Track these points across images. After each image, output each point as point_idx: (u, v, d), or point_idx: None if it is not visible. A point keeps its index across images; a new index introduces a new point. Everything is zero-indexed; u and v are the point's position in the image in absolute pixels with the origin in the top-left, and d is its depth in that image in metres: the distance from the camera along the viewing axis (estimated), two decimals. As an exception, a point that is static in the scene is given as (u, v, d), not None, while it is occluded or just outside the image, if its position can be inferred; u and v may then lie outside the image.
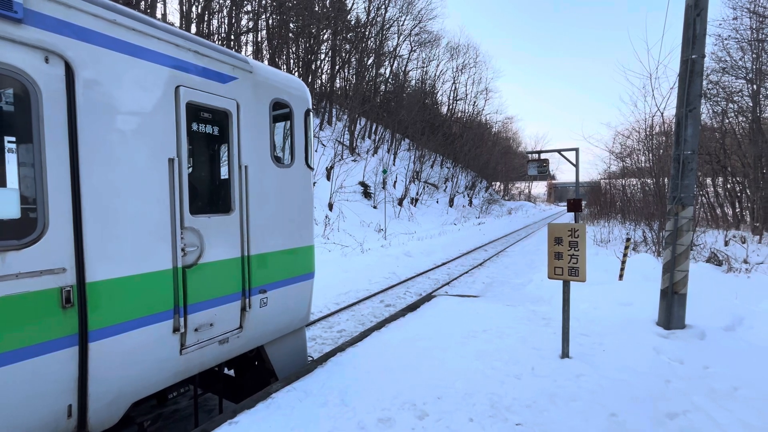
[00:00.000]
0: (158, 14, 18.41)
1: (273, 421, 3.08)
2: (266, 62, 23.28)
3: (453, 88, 44.28)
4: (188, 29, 18.97)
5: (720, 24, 18.70)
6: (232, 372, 4.32)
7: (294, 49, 26.04)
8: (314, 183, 4.35)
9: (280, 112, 3.92)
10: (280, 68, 22.93)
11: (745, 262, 9.74)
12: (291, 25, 24.51)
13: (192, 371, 3.11)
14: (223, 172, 3.53)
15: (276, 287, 3.84)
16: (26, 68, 2.20)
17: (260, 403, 3.34)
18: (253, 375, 4.09)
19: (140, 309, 2.72)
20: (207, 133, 3.38)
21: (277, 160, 3.84)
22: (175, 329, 2.93)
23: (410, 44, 35.82)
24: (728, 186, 19.57)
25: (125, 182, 2.64)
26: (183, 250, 2.97)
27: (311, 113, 4.27)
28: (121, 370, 2.64)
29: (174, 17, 28.51)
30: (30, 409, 2.26)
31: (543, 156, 18.32)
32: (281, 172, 3.86)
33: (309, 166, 4.21)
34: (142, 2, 16.69)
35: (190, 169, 3.47)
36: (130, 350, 2.67)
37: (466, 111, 46.83)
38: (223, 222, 3.30)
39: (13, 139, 2.44)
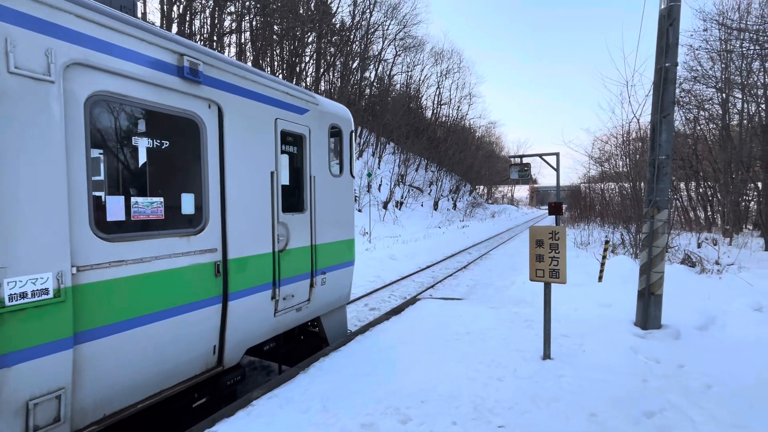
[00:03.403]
0: (138, 13, 17.97)
1: (253, 429, 3.00)
2: (249, 63, 23.01)
3: (437, 93, 44.75)
4: (169, 29, 18.61)
5: (691, 35, 19.47)
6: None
7: (278, 51, 25.85)
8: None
9: (333, 131, 5.00)
10: (264, 70, 22.69)
11: (717, 263, 10.10)
12: (275, 27, 24.33)
13: (279, 330, 4.16)
14: (298, 181, 4.51)
15: (331, 270, 4.90)
16: (200, 113, 3.24)
17: (240, 411, 3.26)
18: (302, 345, 5.02)
19: (255, 280, 3.72)
20: (289, 152, 4.40)
21: (331, 171, 4.91)
22: (272, 297, 3.95)
23: (395, 49, 36.05)
24: (700, 190, 20.34)
25: (248, 189, 3.63)
26: (278, 238, 4.00)
27: (353, 133, 5.33)
28: (243, 323, 3.61)
29: (154, 17, 27.91)
30: (195, 345, 3.21)
31: (525, 160, 18.60)
32: (334, 180, 4.95)
33: (352, 176, 5.33)
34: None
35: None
36: (248, 309, 3.65)
37: (451, 115, 47.36)
38: (299, 219, 4.36)
39: (190, 160, 3.25)
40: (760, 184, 17.15)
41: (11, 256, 2.15)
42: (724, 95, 17.84)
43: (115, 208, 2.68)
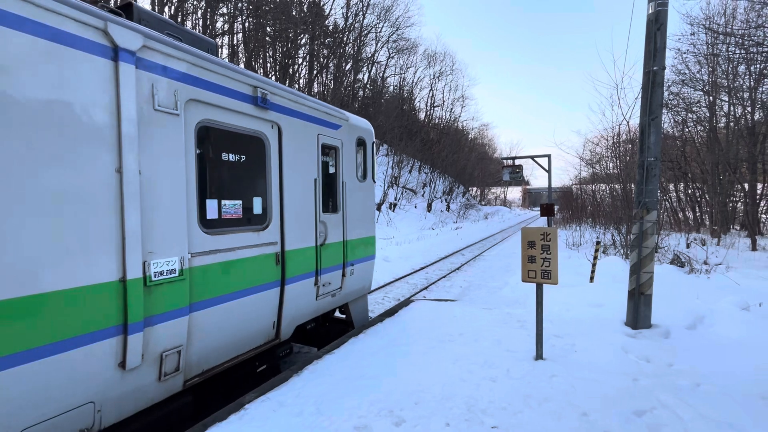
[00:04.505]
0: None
1: (246, 433, 2.98)
2: (242, 65, 22.89)
3: (430, 95, 44.93)
4: (160, 30, 18.39)
5: (679, 39, 19.84)
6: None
7: (271, 52, 25.76)
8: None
9: (359, 142, 5.74)
10: (256, 71, 22.61)
11: (705, 263, 10.26)
12: (268, 28, 24.25)
13: (319, 312, 4.92)
14: (333, 186, 5.21)
15: (358, 263, 5.63)
16: (265, 132, 4.00)
17: (232, 415, 3.23)
18: (331, 329, 5.83)
19: (303, 268, 4.45)
20: (326, 162, 5.09)
21: (358, 177, 5.69)
22: (315, 283, 4.69)
23: (388, 51, 36.16)
24: (689, 191, 20.65)
25: (298, 193, 4.39)
26: (319, 234, 4.74)
27: (374, 144, 6.10)
28: (294, 304, 4.36)
29: (145, 17, 27.55)
30: (261, 319, 3.94)
31: (517, 162, 18.76)
32: (360, 185, 5.72)
33: (373, 180, 6.11)
34: (111, 2, 16.13)
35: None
36: (298, 292, 4.40)
37: (444, 117, 47.56)
38: (334, 218, 5.11)
39: (258, 170, 3.98)
40: (746, 186, 17.48)
41: (155, 244, 2.88)
42: (711, 98, 18.17)
43: (212, 209, 3.47)
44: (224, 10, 22.38)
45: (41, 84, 2.30)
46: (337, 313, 6.08)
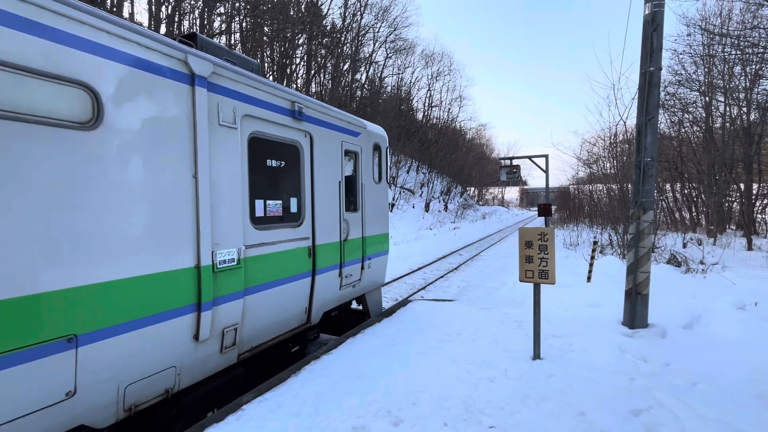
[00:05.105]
0: (125, 13, 17.74)
1: (243, 434, 2.97)
2: (240, 65, 22.78)
3: (428, 95, 44.99)
4: (157, 30, 18.41)
5: (675, 39, 19.99)
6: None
7: (269, 52, 25.72)
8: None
9: (375, 147, 6.28)
10: (254, 72, 22.50)
11: (702, 263, 10.31)
12: (265, 28, 24.20)
13: (342, 300, 5.48)
14: (353, 187, 5.74)
15: (374, 257, 6.17)
16: (299, 140, 4.50)
17: (230, 416, 3.22)
18: (348, 319, 6.40)
19: (330, 261, 4.99)
20: (348, 165, 5.56)
21: (374, 179, 6.21)
22: (339, 275, 5.20)
23: (386, 51, 36.19)
24: (685, 191, 20.76)
25: (326, 194, 4.90)
26: (342, 231, 5.25)
27: (388, 149, 6.69)
28: (322, 292, 4.88)
29: (142, 17, 27.52)
30: (296, 305, 4.47)
31: (515, 162, 18.80)
32: (376, 187, 6.25)
33: (387, 182, 6.69)
34: (108, 1, 16.06)
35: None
36: (326, 282, 4.94)
37: (441, 118, 47.62)
38: (355, 216, 5.64)
39: (294, 174, 4.52)
40: (742, 186, 17.59)
41: (220, 237, 3.39)
42: (707, 99, 18.27)
43: (259, 208, 4.01)
44: (222, 9, 22.33)
45: (151, 109, 2.85)
46: (354, 305, 6.61)
